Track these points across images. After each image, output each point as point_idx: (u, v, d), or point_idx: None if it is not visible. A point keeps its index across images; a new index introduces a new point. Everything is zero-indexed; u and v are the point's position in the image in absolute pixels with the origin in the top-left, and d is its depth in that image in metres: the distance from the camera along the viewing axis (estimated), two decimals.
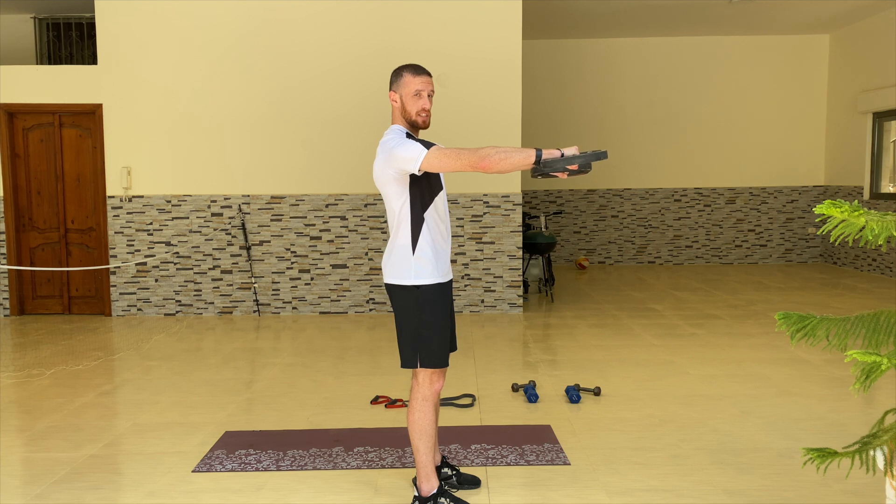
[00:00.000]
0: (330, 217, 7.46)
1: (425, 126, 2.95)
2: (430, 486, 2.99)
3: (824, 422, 4.05)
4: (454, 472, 3.24)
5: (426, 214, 2.92)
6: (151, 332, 6.72)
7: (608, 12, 9.40)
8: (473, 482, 3.23)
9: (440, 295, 2.97)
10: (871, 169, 9.83)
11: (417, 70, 2.93)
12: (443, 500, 2.97)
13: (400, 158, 2.79)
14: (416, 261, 2.92)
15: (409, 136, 2.92)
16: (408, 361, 2.96)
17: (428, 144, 2.81)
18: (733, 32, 10.63)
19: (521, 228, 7.47)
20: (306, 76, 7.35)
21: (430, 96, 2.94)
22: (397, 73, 2.96)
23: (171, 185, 7.44)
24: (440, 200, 2.98)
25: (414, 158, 2.75)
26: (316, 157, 7.42)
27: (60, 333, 6.77)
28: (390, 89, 2.97)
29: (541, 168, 2.69)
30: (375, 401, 4.51)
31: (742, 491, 3.18)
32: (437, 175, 2.97)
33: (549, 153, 2.69)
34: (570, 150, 2.72)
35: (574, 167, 2.68)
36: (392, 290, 2.98)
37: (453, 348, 3.06)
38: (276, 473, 3.45)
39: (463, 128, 7.28)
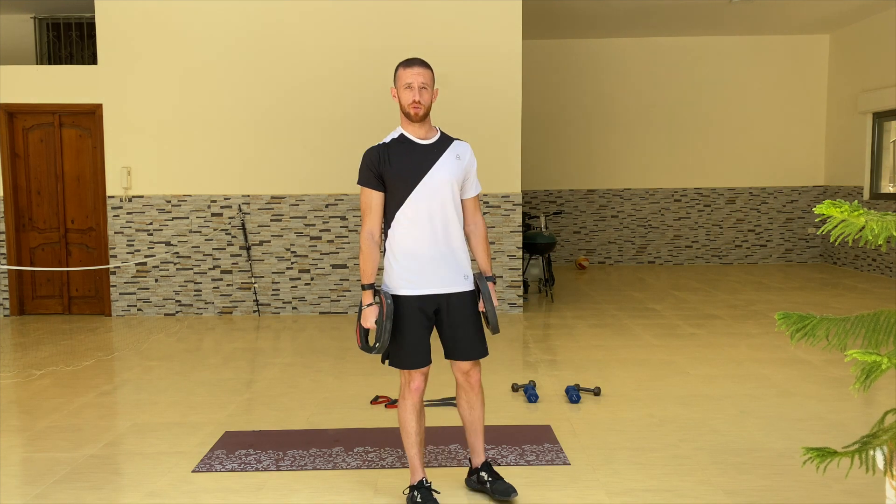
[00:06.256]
0: (330, 217, 7.46)
1: (417, 118, 2.93)
2: (413, 478, 3.06)
3: (824, 422, 4.05)
4: (489, 479, 3.12)
5: (399, 214, 2.94)
6: (150, 332, 6.72)
7: (608, 12, 9.40)
8: (505, 492, 3.07)
9: (400, 304, 2.94)
10: (871, 169, 9.83)
11: (408, 63, 2.95)
12: (415, 493, 3.01)
13: None
14: (386, 263, 3.00)
15: (401, 139, 2.97)
16: (385, 358, 3.05)
17: (369, 180, 2.95)
18: (733, 32, 10.63)
19: (521, 228, 7.47)
20: (306, 76, 7.35)
21: (424, 88, 2.91)
22: (395, 70, 3.00)
23: (171, 185, 7.43)
24: (422, 201, 2.91)
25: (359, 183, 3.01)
26: (316, 157, 7.42)
27: (60, 333, 6.77)
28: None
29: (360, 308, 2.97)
30: (375, 401, 4.51)
31: (742, 491, 3.18)
32: (415, 172, 2.92)
33: (369, 313, 2.92)
34: (372, 318, 2.92)
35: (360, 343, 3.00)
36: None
37: (427, 361, 2.99)
38: (276, 473, 3.45)
39: (463, 128, 7.27)
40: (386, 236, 3.01)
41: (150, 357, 5.80)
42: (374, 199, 2.96)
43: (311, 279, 7.51)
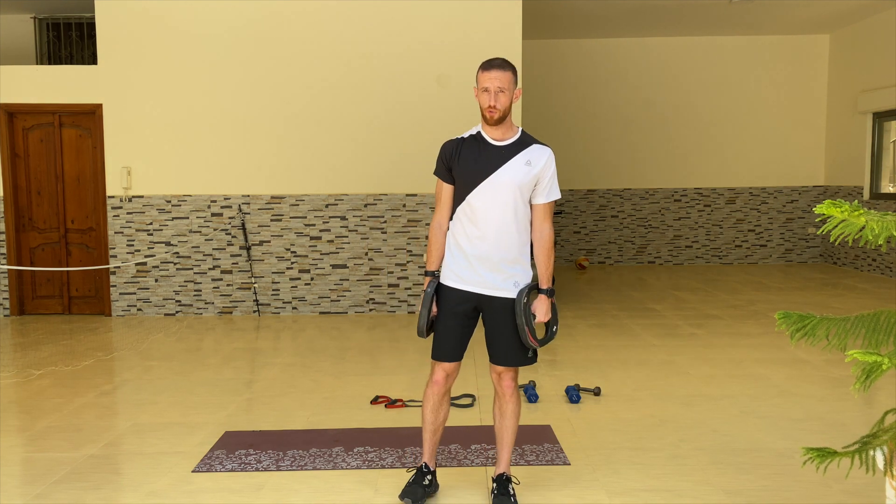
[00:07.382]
0: (330, 217, 7.46)
1: (492, 121, 2.89)
2: (420, 460, 3.18)
3: (824, 422, 4.05)
4: (495, 492, 3.09)
5: (459, 210, 2.99)
6: (150, 332, 6.72)
7: (608, 12, 9.40)
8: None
9: (443, 294, 3.01)
10: (871, 169, 9.83)
11: (487, 65, 2.88)
12: (410, 476, 3.14)
13: None
14: (444, 253, 3.06)
15: (477, 137, 2.97)
16: None
17: (441, 172, 3.02)
18: (733, 32, 10.63)
19: None
20: (306, 76, 7.34)
21: (501, 91, 2.84)
22: (477, 70, 2.95)
23: (171, 185, 7.43)
24: (481, 201, 2.90)
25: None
26: (316, 157, 7.42)
27: (60, 333, 6.77)
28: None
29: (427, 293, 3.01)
30: (375, 401, 4.51)
31: (742, 491, 3.18)
32: (480, 172, 2.91)
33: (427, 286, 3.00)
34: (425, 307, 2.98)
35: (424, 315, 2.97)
36: None
37: (450, 358, 3.04)
38: (276, 473, 3.45)
39: (463, 128, 7.27)
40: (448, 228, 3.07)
41: (150, 357, 5.79)
42: (444, 191, 3.03)
43: (311, 279, 7.51)
